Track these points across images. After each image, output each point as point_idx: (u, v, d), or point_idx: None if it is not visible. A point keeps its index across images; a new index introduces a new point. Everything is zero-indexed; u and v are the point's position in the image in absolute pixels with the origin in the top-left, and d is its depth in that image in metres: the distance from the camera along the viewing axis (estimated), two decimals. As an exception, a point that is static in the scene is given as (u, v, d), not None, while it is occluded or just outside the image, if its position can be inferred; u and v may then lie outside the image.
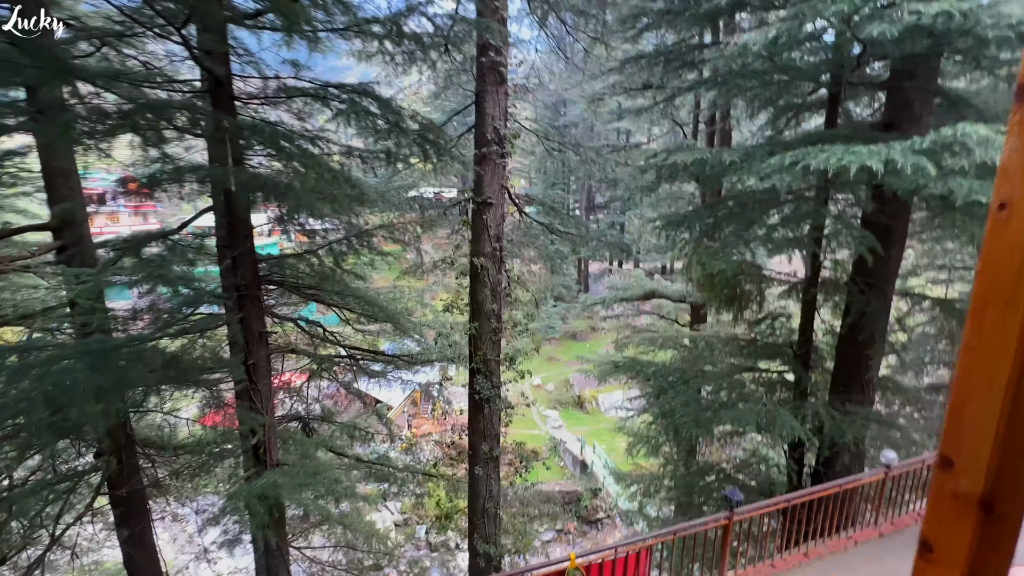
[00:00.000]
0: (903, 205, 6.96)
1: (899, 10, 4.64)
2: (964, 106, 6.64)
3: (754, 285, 9.14)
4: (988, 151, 4.28)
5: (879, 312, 7.38)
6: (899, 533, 6.65)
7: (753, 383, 9.57)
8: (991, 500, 0.67)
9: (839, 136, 6.37)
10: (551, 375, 32.88)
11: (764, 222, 7.90)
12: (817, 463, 8.36)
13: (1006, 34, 4.67)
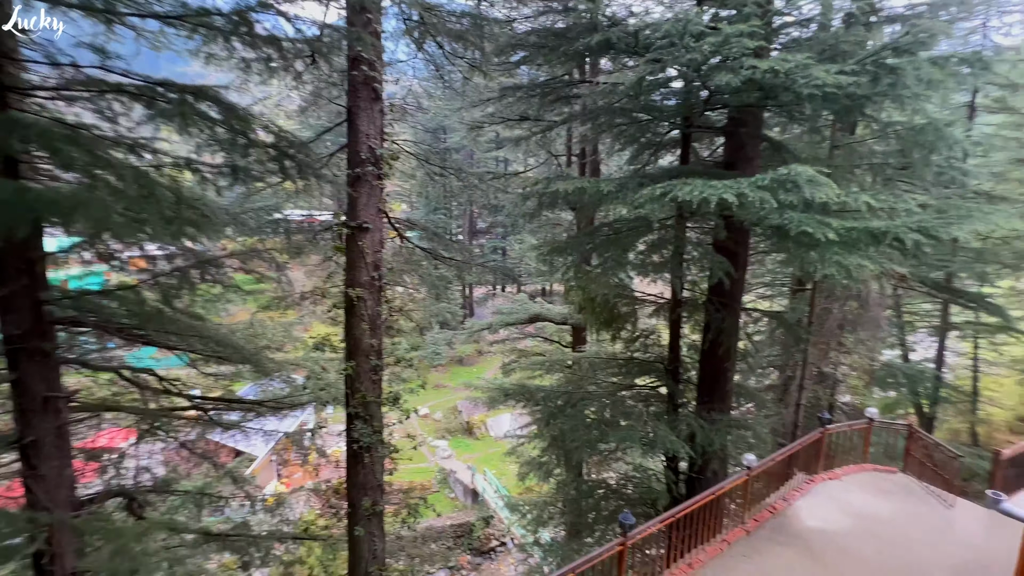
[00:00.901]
0: (745, 233, 7.96)
1: (740, 64, 5.26)
2: (784, 151, 7.87)
3: (629, 307, 9.72)
4: (813, 188, 4.97)
5: (732, 328, 8.27)
6: (761, 527, 7.32)
7: (632, 399, 10.09)
8: None
9: (694, 172, 7.07)
10: (439, 403, 31.87)
11: (636, 248, 8.45)
12: (691, 470, 9.00)
13: (814, 92, 5.57)
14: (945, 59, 6.03)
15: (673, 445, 7.17)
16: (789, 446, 8.05)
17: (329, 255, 7.78)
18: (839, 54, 6.79)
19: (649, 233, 7.79)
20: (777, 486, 8.14)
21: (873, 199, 5.46)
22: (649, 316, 10.32)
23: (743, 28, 5.14)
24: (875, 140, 9.12)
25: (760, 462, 7.44)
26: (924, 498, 7.88)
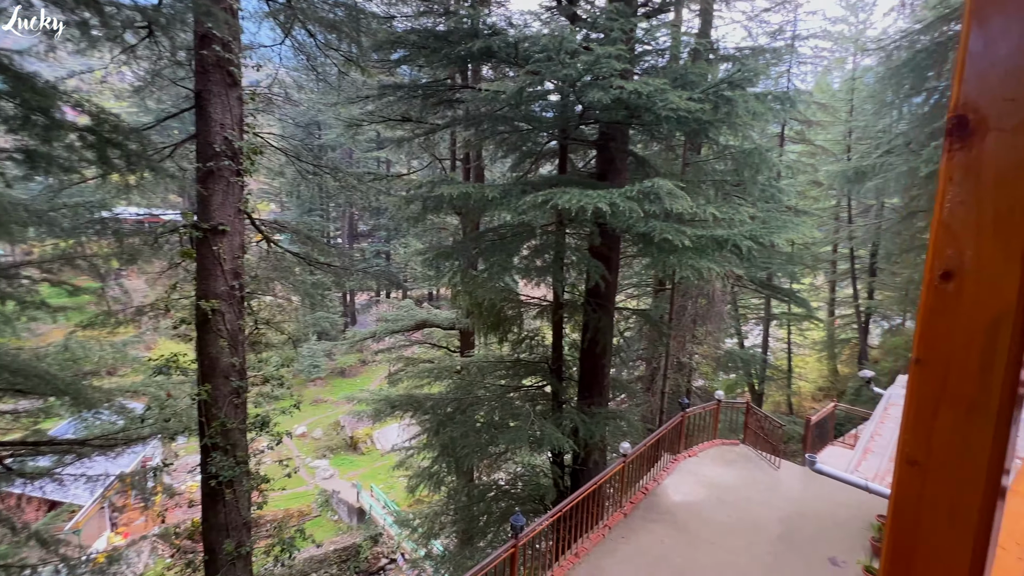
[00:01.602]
0: (617, 239, 8.67)
1: (610, 84, 5.69)
2: (647, 165, 8.74)
3: (515, 310, 9.96)
4: (672, 200, 5.56)
5: (607, 326, 8.95)
6: (636, 509, 8.00)
7: (520, 400, 10.35)
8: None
9: (572, 181, 7.51)
10: (318, 420, 29.46)
11: (520, 253, 8.70)
12: (575, 463, 9.51)
13: (670, 114, 6.26)
14: (764, 95, 7.25)
15: (559, 441, 7.49)
16: (657, 431, 8.92)
17: (176, 261, 6.66)
18: (688, 83, 7.75)
19: (532, 238, 8.06)
20: (648, 468, 8.98)
21: (717, 211, 6.31)
22: (534, 318, 10.70)
23: (611, 50, 5.57)
24: (716, 160, 10.61)
25: (634, 448, 8.13)
26: (759, 463, 9.32)
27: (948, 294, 0.49)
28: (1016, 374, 0.46)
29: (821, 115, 21.18)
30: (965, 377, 0.48)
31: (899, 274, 17.07)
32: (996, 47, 0.45)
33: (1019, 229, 0.44)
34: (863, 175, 15.12)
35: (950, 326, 0.49)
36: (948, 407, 0.49)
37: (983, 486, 0.47)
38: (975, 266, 0.47)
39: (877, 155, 15.14)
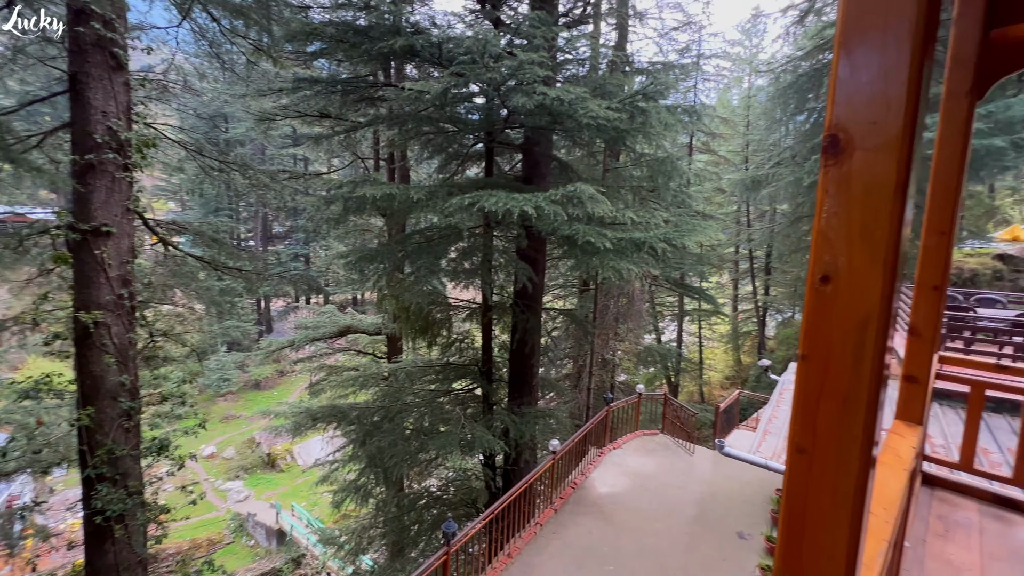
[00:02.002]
0: (543, 241, 8.86)
1: (534, 90, 5.81)
2: (570, 170, 9.03)
3: (443, 313, 9.83)
4: (593, 204, 5.78)
5: (536, 327, 9.11)
6: (566, 504, 8.22)
7: (450, 404, 10.23)
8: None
9: (498, 184, 7.56)
10: (229, 438, 27.09)
11: (448, 255, 8.60)
12: (506, 464, 9.57)
13: (591, 122, 6.52)
14: (675, 108, 7.79)
15: (490, 443, 7.50)
16: (584, 426, 9.24)
17: (47, 267, 5.77)
18: (607, 93, 8.12)
19: (460, 241, 8.01)
20: (577, 463, 9.27)
21: (635, 215, 6.67)
22: (463, 321, 10.64)
23: (534, 57, 5.69)
24: (633, 166, 11.23)
25: (563, 445, 8.36)
26: (676, 451, 9.98)
27: (827, 296, 0.54)
28: (881, 367, 0.52)
29: (723, 128, 23.25)
30: (842, 371, 0.54)
31: (789, 272, 19.12)
32: (860, 75, 0.51)
33: (882, 239, 0.50)
34: (758, 183, 16.80)
35: (829, 325, 0.54)
36: (828, 399, 0.55)
37: (857, 467, 0.53)
38: (848, 271, 0.53)
39: (769, 166, 16.90)
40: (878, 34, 0.49)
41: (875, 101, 0.50)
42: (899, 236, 0.50)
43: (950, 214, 1.68)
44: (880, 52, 0.49)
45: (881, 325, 0.51)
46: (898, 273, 0.52)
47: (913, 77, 0.48)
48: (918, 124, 0.49)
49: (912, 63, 0.48)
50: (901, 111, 0.49)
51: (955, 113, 1.65)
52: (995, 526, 2.54)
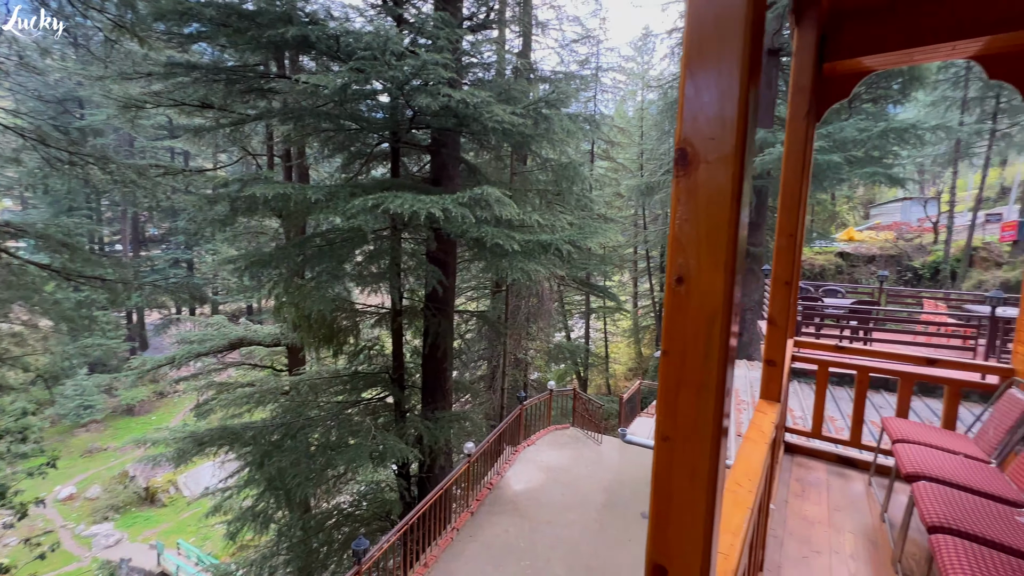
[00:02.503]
0: (453, 244, 8.81)
1: (438, 91, 5.74)
2: (478, 173, 9.08)
3: (350, 320, 9.36)
4: (500, 207, 5.87)
5: (448, 330, 9.03)
6: (482, 505, 8.24)
7: (360, 415, 9.76)
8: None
9: (405, 185, 7.37)
10: (94, 474, 23.32)
11: (353, 259, 8.20)
12: (421, 471, 9.35)
13: (496, 126, 6.62)
14: (576, 116, 8.19)
15: (402, 452, 7.27)
16: (499, 426, 9.34)
17: None
18: (512, 98, 8.30)
19: (365, 244, 7.67)
20: (492, 463, 9.34)
21: (541, 217, 6.89)
22: (372, 327, 10.21)
23: (438, 58, 5.63)
24: (539, 171, 11.59)
25: (478, 447, 8.36)
26: (585, 442, 10.48)
27: (681, 296, 0.60)
28: (726, 359, 0.58)
29: (621, 137, 24.93)
30: (696, 364, 0.59)
31: (680, 270, 21.08)
32: (702, 95, 0.57)
33: (723, 243, 0.57)
34: (652, 189, 18.25)
35: (684, 322, 0.60)
36: (686, 388, 0.60)
37: (710, 451, 0.59)
38: (697, 273, 0.58)
39: (661, 173, 18.45)
40: (714, 63, 0.55)
41: (714, 120, 0.56)
42: (736, 240, 0.57)
43: (796, 218, 1.97)
44: (716, 78, 0.55)
45: (725, 320, 0.57)
46: (737, 273, 0.59)
47: (743, 100, 0.54)
48: (748, 141, 0.56)
49: (741, 88, 0.54)
50: (734, 129, 0.55)
51: (797, 133, 1.93)
52: (838, 482, 3.02)
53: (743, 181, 0.57)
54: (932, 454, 2.39)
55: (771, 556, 2.30)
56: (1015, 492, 2.08)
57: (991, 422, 2.58)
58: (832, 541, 2.42)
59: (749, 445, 1.59)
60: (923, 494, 2.00)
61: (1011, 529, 1.79)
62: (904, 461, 2.32)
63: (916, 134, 11.31)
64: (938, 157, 21.25)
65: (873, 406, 6.35)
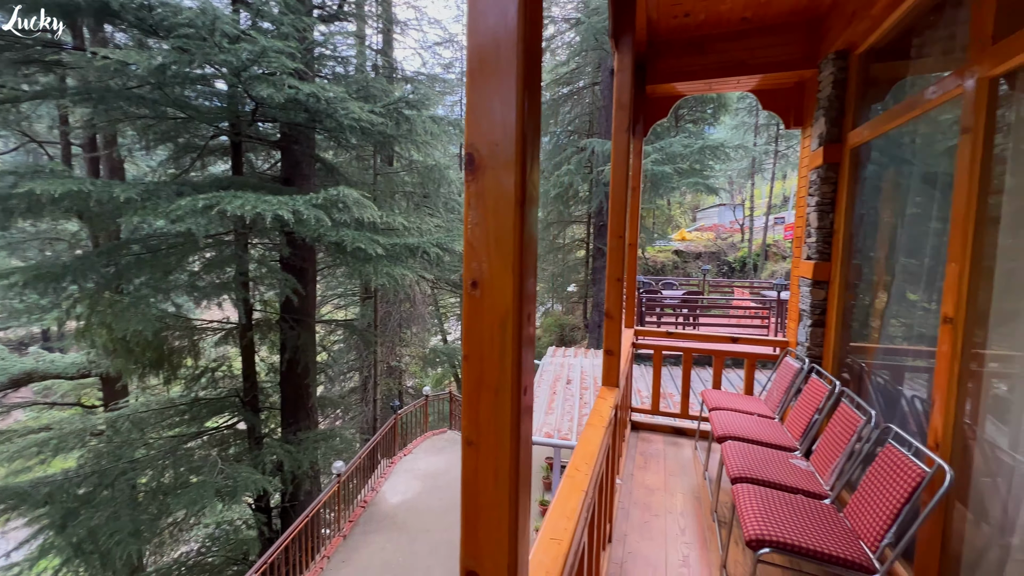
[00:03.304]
0: (311, 249, 8.12)
1: (282, 81, 5.23)
2: (336, 173, 8.51)
3: (185, 339, 8.07)
4: (360, 209, 5.57)
5: (309, 343, 8.30)
6: (356, 526, 7.75)
7: (202, 448, 8.45)
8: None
9: (249, 184, 6.58)
10: None
11: (186, 268, 7.06)
12: (284, 501, 8.45)
13: (353, 124, 6.28)
14: (441, 119, 8.15)
15: (257, 484, 6.48)
16: (371, 440, 8.89)
17: None
18: (371, 96, 7.95)
19: (199, 251, 6.67)
20: (367, 479, 8.84)
21: (406, 220, 6.71)
22: (216, 345, 8.93)
23: (281, 45, 5.13)
24: (406, 172, 11.32)
25: (348, 465, 7.85)
26: (464, 444, 10.52)
27: (477, 300, 0.60)
28: (519, 360, 0.60)
29: (487, 142, 25.63)
30: (492, 366, 0.60)
31: (546, 270, 22.27)
32: (485, 103, 0.58)
33: (510, 247, 0.58)
34: (518, 193, 19.07)
35: (480, 325, 0.60)
36: (486, 392, 0.61)
37: (510, 451, 0.60)
38: (489, 277, 0.59)
39: (526, 178, 19.36)
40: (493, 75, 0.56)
41: (496, 126, 0.57)
42: (522, 244, 0.59)
43: (623, 221, 2.21)
44: (497, 88, 0.56)
45: (516, 321, 0.59)
46: (527, 276, 0.61)
47: (520, 108, 0.56)
48: (529, 148, 0.58)
49: (519, 99, 0.56)
50: (514, 137, 0.56)
51: (620, 145, 2.17)
52: (672, 451, 3.48)
53: (526, 186, 0.59)
54: (735, 417, 2.88)
55: (619, 527, 2.55)
56: (790, 440, 2.62)
57: (774, 385, 3.21)
58: (667, 503, 2.77)
59: (589, 431, 1.73)
60: (728, 452, 2.39)
61: (786, 470, 2.23)
62: (716, 426, 2.76)
63: (724, 151, 13.60)
64: (741, 171, 25.92)
65: (700, 380, 7.48)
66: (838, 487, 2.11)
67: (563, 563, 1.01)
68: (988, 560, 1.78)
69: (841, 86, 2.92)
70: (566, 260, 20.23)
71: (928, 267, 2.18)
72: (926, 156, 2.34)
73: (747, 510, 1.85)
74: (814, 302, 3.06)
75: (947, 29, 2.16)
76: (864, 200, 2.85)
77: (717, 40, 3.35)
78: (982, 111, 1.72)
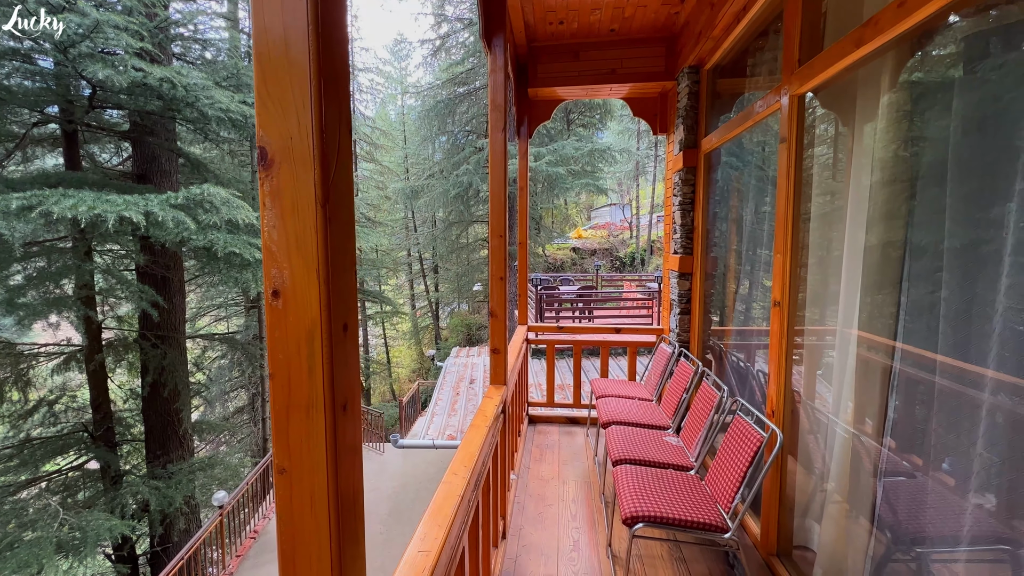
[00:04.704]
0: (174, 256, 7.16)
1: (124, 62, 4.52)
2: (204, 169, 7.60)
3: (9, 368, 6.68)
4: (230, 210, 5.03)
5: (177, 362, 7.31)
6: (244, 561, 7.01)
7: (40, 497, 7.05)
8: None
9: (87, 181, 5.60)
10: None
11: (2, 283, 5.80)
12: (152, 544, 7.36)
13: (220, 115, 5.64)
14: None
15: (116, 529, 5.56)
16: (259, 464, 8.10)
17: None
18: (244, 85, 7.20)
19: (16, 261, 5.55)
20: (258, 506, 8.03)
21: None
22: (53, 372, 7.50)
23: (119, 20, 4.42)
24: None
25: (232, 494, 7.07)
26: (369, 455, 10.03)
27: (279, 311, 0.54)
28: (331, 374, 0.55)
29: (385, 140, 24.67)
30: (300, 383, 0.55)
31: (451, 269, 22.10)
32: (276, 92, 0.52)
33: (313, 251, 0.53)
34: (417, 193, 18.66)
35: (285, 339, 0.54)
36: (296, 413, 0.55)
37: (327, 475, 0.55)
38: (291, 285, 0.54)
39: (425, 177, 19.02)
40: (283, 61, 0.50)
41: (288, 119, 0.51)
42: (328, 247, 0.54)
43: (504, 221, 2.23)
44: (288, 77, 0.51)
45: (325, 333, 0.54)
46: (338, 282, 0.56)
47: (317, 99, 0.51)
48: (329, 146, 0.53)
49: (314, 87, 0.50)
50: (309, 132, 0.51)
51: (496, 145, 2.19)
52: (566, 440, 3.63)
53: (330, 182, 0.55)
54: (618, 403, 3.08)
55: (514, 521, 2.59)
56: (664, 419, 2.87)
57: (651, 370, 3.50)
58: (560, 492, 2.88)
59: (471, 432, 1.72)
60: (611, 436, 2.55)
61: (659, 448, 2.44)
62: (602, 413, 2.93)
63: (611, 154, 14.57)
64: (627, 172, 27.99)
65: (595, 369, 7.94)
66: (701, 457, 2.35)
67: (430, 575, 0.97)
68: (814, 504, 2.10)
69: (695, 97, 3.26)
70: (470, 259, 20.25)
71: (765, 258, 2.51)
72: (763, 159, 2.69)
73: (624, 490, 1.98)
74: (681, 292, 3.39)
75: (771, 52, 2.50)
76: (717, 199, 3.21)
77: (590, 48, 3.55)
78: (794, 123, 2.01)
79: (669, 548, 2.37)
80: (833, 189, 2.02)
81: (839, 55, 1.70)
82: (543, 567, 2.23)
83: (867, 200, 1.73)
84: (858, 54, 1.61)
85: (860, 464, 1.82)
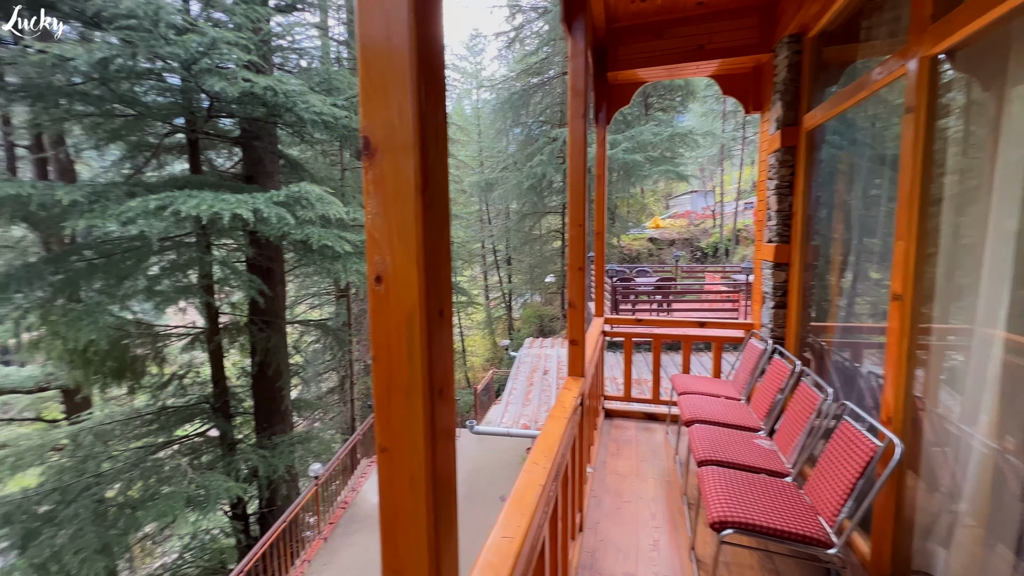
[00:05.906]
0: (277, 249, 7.90)
1: (236, 75, 5.02)
2: (300, 169, 8.27)
3: (147, 346, 7.78)
4: (324, 206, 5.43)
5: (280, 345, 8.09)
6: (336, 528, 7.65)
7: (172, 458, 8.20)
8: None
9: (207, 183, 6.32)
10: None
11: (143, 273, 6.77)
12: (261, 507, 8.27)
13: (315, 118, 6.09)
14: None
15: (230, 491, 6.32)
16: (349, 440, 8.77)
17: None
18: (334, 88, 7.72)
19: (156, 254, 6.41)
20: (347, 480, 8.72)
21: (374, 216, 6.56)
22: (182, 351, 8.63)
23: (230, 36, 4.91)
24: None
25: (326, 467, 7.72)
26: (445, 439, 10.48)
27: (381, 296, 0.56)
28: (428, 359, 0.56)
29: (460, 135, 25.32)
30: (401, 367, 0.56)
31: (524, 261, 22.26)
32: (378, 83, 0.53)
33: (413, 238, 0.54)
34: (492, 185, 18.94)
35: (387, 323, 0.56)
36: (396, 395, 0.57)
37: (424, 456, 0.57)
38: (393, 271, 0.55)
39: (499, 170, 19.25)
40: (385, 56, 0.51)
41: (391, 108, 0.52)
42: (426, 234, 0.55)
43: (583, 210, 2.18)
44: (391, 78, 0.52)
45: (422, 318, 0.55)
46: (435, 269, 0.57)
47: (415, 96, 0.52)
48: (427, 134, 0.54)
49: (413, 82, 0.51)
50: (409, 120, 0.52)
51: (576, 132, 2.14)
52: (645, 436, 3.52)
53: (428, 171, 0.55)
54: (703, 400, 2.92)
55: (591, 515, 2.56)
56: (754, 420, 2.66)
57: (740, 367, 3.26)
58: (638, 489, 2.80)
59: (550, 423, 1.71)
60: (695, 436, 2.42)
61: (750, 450, 2.27)
62: (684, 410, 2.79)
63: (693, 138, 13.75)
64: (711, 157, 26.31)
65: (675, 365, 7.60)
66: (799, 464, 2.16)
67: (514, 562, 0.98)
68: (940, 526, 1.85)
69: (796, 70, 2.96)
70: (543, 251, 20.24)
71: (881, 246, 2.23)
72: (876, 137, 2.38)
73: (711, 492, 1.87)
74: (776, 284, 3.11)
75: (893, 11, 2.19)
76: (820, 182, 2.90)
77: (675, 25, 3.35)
78: (924, 90, 1.75)
79: (760, 558, 2.22)
80: (970, 166, 1.74)
81: (989, 4, 1.44)
82: (621, 563, 2.18)
83: (1020, 179, 1.46)
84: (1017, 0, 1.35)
85: (1002, 486, 1.56)
